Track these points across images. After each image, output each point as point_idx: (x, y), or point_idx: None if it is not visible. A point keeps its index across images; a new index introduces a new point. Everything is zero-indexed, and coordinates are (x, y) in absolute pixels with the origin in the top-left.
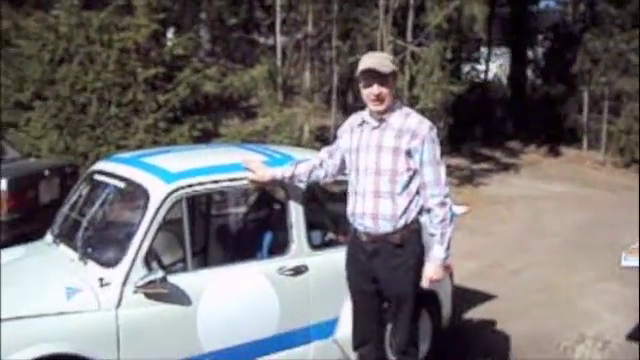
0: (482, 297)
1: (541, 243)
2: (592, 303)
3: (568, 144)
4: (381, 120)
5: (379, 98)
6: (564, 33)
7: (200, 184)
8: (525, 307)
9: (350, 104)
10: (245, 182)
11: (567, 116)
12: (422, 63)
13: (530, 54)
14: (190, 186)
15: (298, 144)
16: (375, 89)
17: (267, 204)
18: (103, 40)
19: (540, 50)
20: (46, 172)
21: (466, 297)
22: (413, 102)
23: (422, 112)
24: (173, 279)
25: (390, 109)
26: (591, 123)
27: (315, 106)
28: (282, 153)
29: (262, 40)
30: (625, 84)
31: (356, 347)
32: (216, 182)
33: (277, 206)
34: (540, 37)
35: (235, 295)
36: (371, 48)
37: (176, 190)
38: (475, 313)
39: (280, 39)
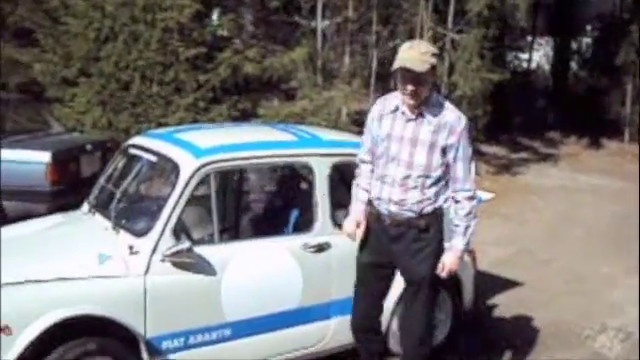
0: (509, 284)
1: (573, 234)
2: (619, 296)
3: (609, 137)
4: (417, 113)
5: (414, 95)
6: (610, 23)
7: (229, 160)
8: (551, 296)
9: (390, 89)
10: (273, 159)
11: (610, 108)
12: (461, 50)
13: (574, 44)
14: (219, 161)
15: (335, 126)
16: (410, 87)
17: (294, 182)
18: (147, 19)
19: (584, 40)
20: (88, 147)
21: (492, 283)
22: (451, 89)
23: (460, 99)
24: (200, 250)
25: (426, 101)
26: (634, 116)
27: (353, 90)
28: (310, 133)
29: (304, 23)
30: None
31: (356, 330)
32: (244, 159)
33: (304, 184)
34: (585, 27)
35: (259, 268)
36: (411, 34)
37: (205, 165)
38: (500, 300)
39: (321, 23)
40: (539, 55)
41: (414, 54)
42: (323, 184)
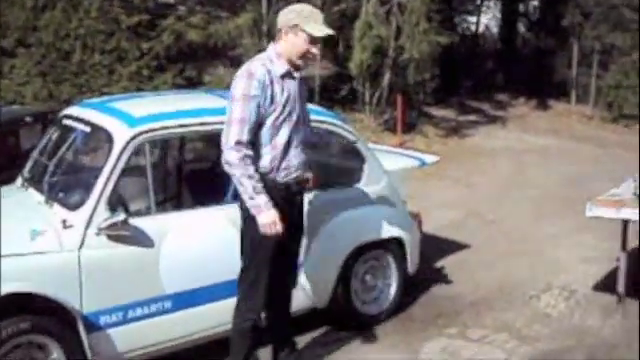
0: (455, 247)
1: (521, 195)
2: (565, 255)
3: (557, 98)
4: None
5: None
6: None
7: (164, 128)
8: (497, 257)
9: (340, 52)
10: (211, 127)
11: (556, 70)
12: (408, 13)
13: (522, 7)
14: (154, 130)
15: None
16: (317, 50)
17: None
18: None
19: (532, 3)
20: (27, 119)
21: (439, 247)
22: (399, 53)
23: (408, 63)
24: (137, 222)
25: None
26: (580, 77)
27: None
28: None
29: None
30: (616, 38)
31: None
32: (181, 127)
33: None
34: None
35: (198, 238)
36: None
37: (139, 134)
38: (446, 262)
39: None
40: (487, 18)
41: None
42: None
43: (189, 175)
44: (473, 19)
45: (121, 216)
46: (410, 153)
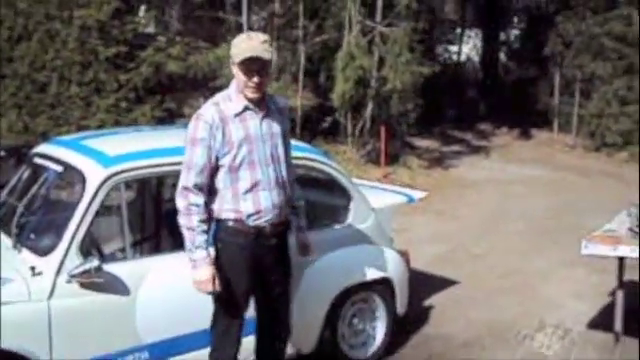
0: (445, 283)
1: (508, 227)
2: (555, 290)
3: (539, 127)
4: (265, 106)
5: (260, 87)
6: (537, 15)
7: (140, 168)
8: (487, 293)
9: (322, 83)
10: None
11: (539, 99)
12: (390, 44)
13: (503, 36)
14: (129, 170)
15: None
16: (256, 78)
17: None
18: (63, 17)
19: (513, 32)
20: (1, 153)
21: (428, 283)
22: (382, 83)
23: (391, 93)
24: (111, 268)
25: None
26: (562, 106)
27: (281, 86)
28: None
29: (229, 18)
30: (597, 67)
31: None
32: (158, 166)
33: None
34: (513, 19)
35: (176, 285)
36: (339, 28)
37: (114, 174)
38: (436, 300)
39: (247, 17)
40: (468, 47)
41: (255, 44)
42: None
43: (167, 216)
44: (455, 48)
45: (94, 262)
46: (397, 189)
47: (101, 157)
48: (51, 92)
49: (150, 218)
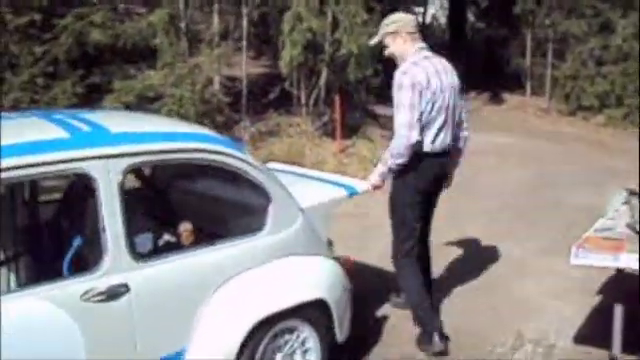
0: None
1: (475, 207)
2: (533, 288)
3: (511, 90)
4: None
5: None
6: None
7: None
8: (452, 296)
9: (263, 52)
10: (31, 170)
11: (510, 61)
12: (344, 3)
13: None
14: None
15: (202, 98)
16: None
17: (72, 199)
18: None
19: None
20: None
21: (381, 283)
22: (335, 47)
23: (347, 59)
24: None
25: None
26: (535, 68)
27: (222, 54)
28: (94, 124)
29: None
30: (571, 25)
31: None
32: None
33: (89, 202)
34: None
35: (16, 340)
36: None
37: None
38: (390, 308)
39: None
40: (435, 7)
41: None
42: (112, 199)
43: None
44: (420, 9)
45: None
46: (336, 179)
47: None
48: None
49: None
